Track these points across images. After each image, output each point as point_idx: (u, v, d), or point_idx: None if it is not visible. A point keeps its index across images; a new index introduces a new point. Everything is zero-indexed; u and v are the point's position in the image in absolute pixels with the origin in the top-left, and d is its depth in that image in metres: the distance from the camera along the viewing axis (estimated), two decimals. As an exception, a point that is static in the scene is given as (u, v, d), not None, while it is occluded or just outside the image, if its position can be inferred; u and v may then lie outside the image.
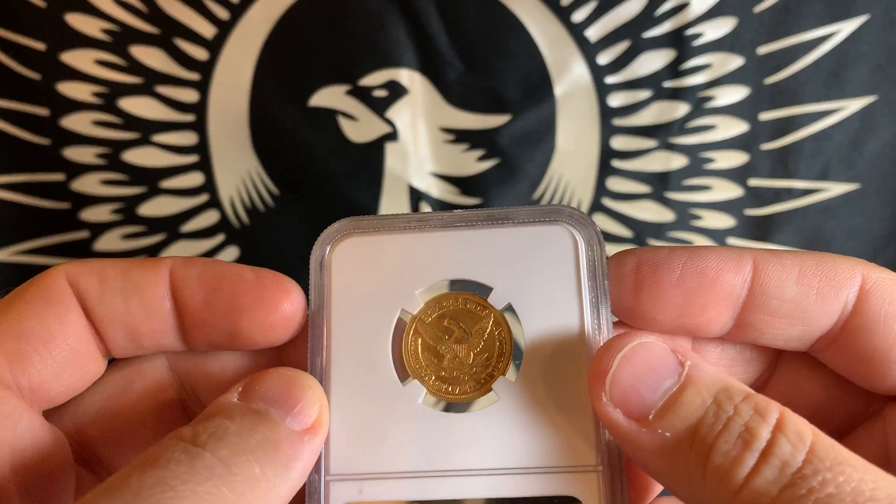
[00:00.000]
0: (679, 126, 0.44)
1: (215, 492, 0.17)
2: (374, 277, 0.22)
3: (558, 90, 0.44)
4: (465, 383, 0.22)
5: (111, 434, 0.24)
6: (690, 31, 0.43)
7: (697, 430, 0.18)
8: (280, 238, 0.45)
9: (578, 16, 0.43)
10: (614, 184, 0.46)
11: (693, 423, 0.18)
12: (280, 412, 0.19)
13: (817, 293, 0.21)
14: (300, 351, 0.23)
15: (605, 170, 0.45)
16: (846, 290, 0.21)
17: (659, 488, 0.23)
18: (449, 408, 0.21)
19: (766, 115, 0.44)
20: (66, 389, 0.22)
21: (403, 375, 0.22)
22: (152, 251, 0.45)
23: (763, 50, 0.43)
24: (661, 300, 0.21)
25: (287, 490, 0.19)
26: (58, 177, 0.45)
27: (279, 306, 0.22)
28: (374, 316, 0.22)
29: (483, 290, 0.22)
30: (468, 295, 0.22)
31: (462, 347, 0.22)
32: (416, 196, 0.45)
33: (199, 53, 0.44)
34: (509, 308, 0.22)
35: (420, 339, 0.22)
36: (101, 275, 0.22)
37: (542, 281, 0.22)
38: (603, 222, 0.46)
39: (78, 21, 0.43)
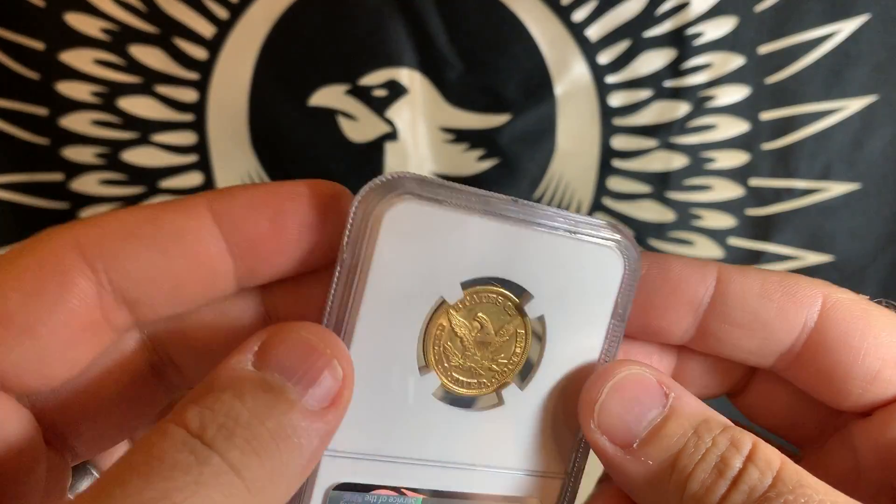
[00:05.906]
0: (679, 126, 0.44)
1: (223, 500, 0.16)
2: (422, 253, 0.20)
3: (558, 90, 0.44)
4: (477, 382, 0.22)
5: (79, 413, 0.21)
6: (691, 31, 0.43)
7: (678, 460, 0.20)
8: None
9: (578, 15, 0.43)
10: (615, 183, 0.45)
11: (674, 453, 0.20)
12: (297, 388, 0.18)
13: (778, 308, 0.22)
14: (294, 294, 0.21)
15: (605, 169, 0.45)
16: (807, 307, 0.22)
17: None
18: (454, 401, 0.21)
19: (766, 115, 0.44)
20: (47, 381, 0.19)
21: (423, 363, 0.21)
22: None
23: (764, 49, 0.43)
24: None
25: (299, 475, 0.18)
26: (57, 177, 0.44)
27: (346, 207, 0.20)
28: (412, 295, 0.20)
29: (523, 296, 0.21)
30: (507, 296, 0.22)
31: (484, 346, 0.22)
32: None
33: (199, 53, 0.44)
34: (541, 320, 0.22)
35: (446, 329, 0.21)
36: (125, 232, 0.19)
37: (578, 304, 0.22)
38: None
39: (77, 20, 0.43)
